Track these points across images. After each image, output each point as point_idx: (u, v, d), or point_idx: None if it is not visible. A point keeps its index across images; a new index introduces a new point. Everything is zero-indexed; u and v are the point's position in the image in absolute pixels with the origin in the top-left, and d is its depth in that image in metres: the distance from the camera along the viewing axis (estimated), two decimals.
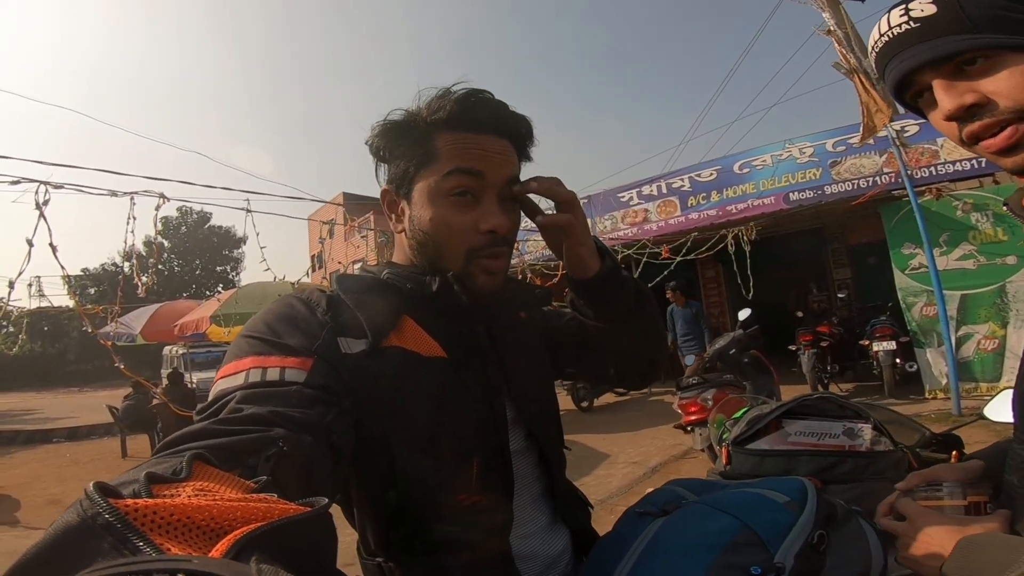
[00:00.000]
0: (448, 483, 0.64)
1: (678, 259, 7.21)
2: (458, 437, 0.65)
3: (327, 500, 0.35)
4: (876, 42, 0.61)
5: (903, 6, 0.57)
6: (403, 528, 0.66)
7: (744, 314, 4.97)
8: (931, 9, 0.55)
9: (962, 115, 0.55)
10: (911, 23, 0.56)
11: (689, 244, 7.21)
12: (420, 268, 0.73)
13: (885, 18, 0.59)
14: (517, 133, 0.74)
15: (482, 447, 0.68)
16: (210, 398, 0.55)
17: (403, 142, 0.72)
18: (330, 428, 0.53)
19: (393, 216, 0.76)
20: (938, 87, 0.56)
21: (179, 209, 30.75)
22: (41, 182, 2.90)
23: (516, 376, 0.75)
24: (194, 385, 9.32)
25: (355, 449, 0.59)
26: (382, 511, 0.66)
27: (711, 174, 8.25)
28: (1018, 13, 0.51)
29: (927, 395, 5.90)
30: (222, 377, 0.57)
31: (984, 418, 1.22)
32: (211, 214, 32.52)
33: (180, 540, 0.27)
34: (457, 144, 0.69)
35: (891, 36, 0.58)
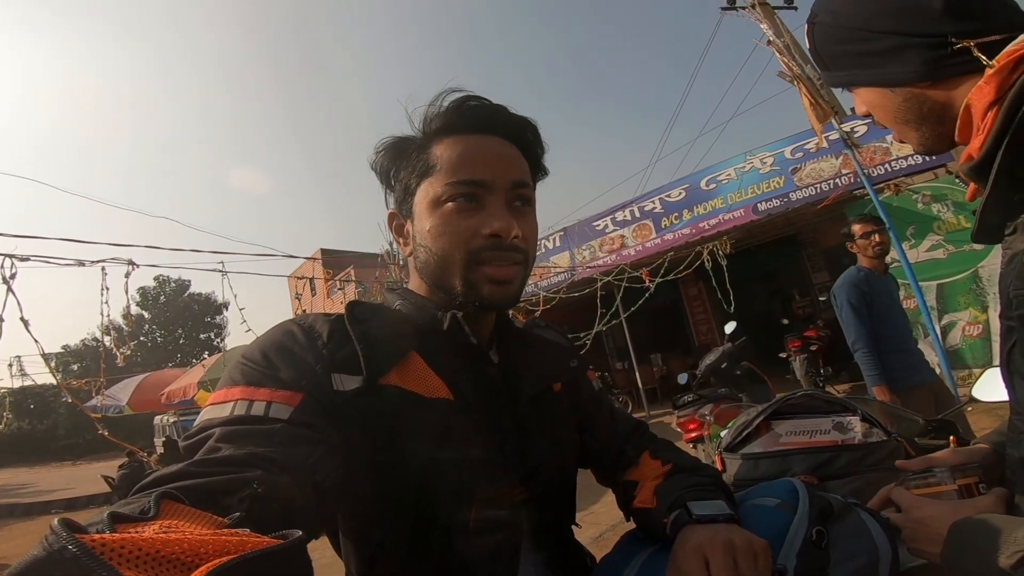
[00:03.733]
0: (440, 526, 0.61)
1: (658, 280, 7.29)
2: (455, 482, 0.62)
3: (300, 532, 0.34)
4: None
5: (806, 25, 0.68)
6: (387, 566, 0.62)
7: (730, 327, 5.00)
8: (807, 42, 0.68)
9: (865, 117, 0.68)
10: (809, 52, 0.69)
11: (667, 264, 7.31)
12: (434, 300, 0.70)
13: None
14: (521, 136, 0.71)
15: (485, 493, 0.64)
16: (195, 425, 0.54)
17: (403, 158, 0.70)
18: (313, 468, 0.51)
19: (400, 240, 0.73)
20: (853, 95, 0.69)
21: (156, 279, 30.58)
22: (6, 255, 2.85)
23: (534, 450, 0.70)
24: None
25: (343, 485, 0.57)
26: (367, 548, 0.63)
27: (680, 193, 8.47)
28: (844, 44, 0.62)
29: None
30: (211, 404, 0.55)
31: (975, 400, 1.21)
32: (189, 282, 32.32)
33: (149, 574, 0.27)
34: (456, 149, 0.67)
35: None
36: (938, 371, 5.74)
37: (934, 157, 5.98)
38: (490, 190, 0.67)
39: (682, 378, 5.34)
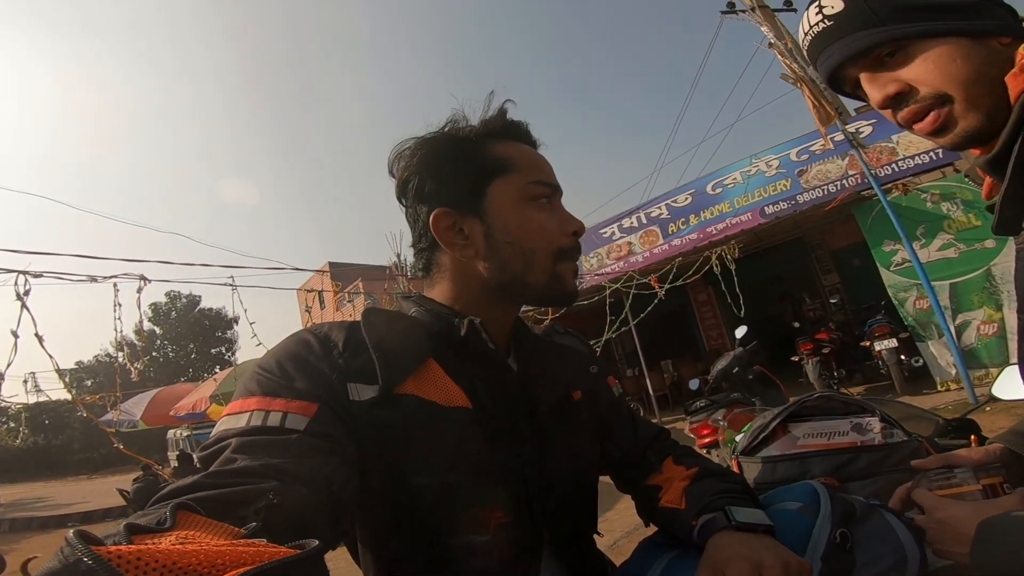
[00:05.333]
0: (458, 536, 0.61)
1: (666, 286, 7.25)
2: (474, 492, 0.61)
3: (318, 543, 0.34)
4: (802, 42, 0.65)
5: (817, 3, 0.60)
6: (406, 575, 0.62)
7: (741, 331, 4.94)
8: (840, 5, 0.58)
9: (890, 104, 0.58)
10: (825, 21, 0.60)
11: (675, 270, 7.27)
12: (453, 307, 0.70)
13: (805, 16, 0.63)
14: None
15: (504, 503, 0.63)
16: (212, 436, 0.54)
17: (459, 158, 0.69)
18: (329, 479, 0.51)
19: (457, 239, 0.69)
20: (864, 80, 0.60)
21: (167, 294, 30.92)
22: (20, 272, 2.89)
23: (554, 459, 0.69)
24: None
25: (360, 495, 0.57)
26: (384, 558, 0.63)
27: (686, 199, 8.45)
28: None
29: (939, 387, 5.85)
30: (228, 414, 0.56)
31: (994, 399, 1.19)
32: (200, 297, 32.65)
33: None
34: (524, 153, 0.72)
35: (812, 36, 0.62)
36: (953, 371, 5.67)
37: (941, 155, 5.96)
38: (557, 193, 0.72)
39: (693, 384, 5.29)
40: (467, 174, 0.68)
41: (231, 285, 3.91)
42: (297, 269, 4.94)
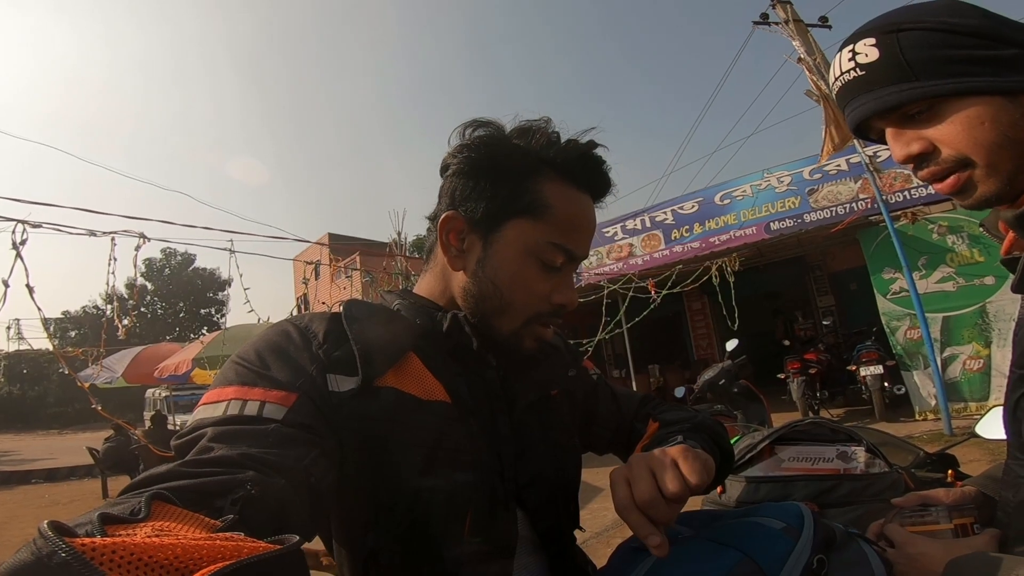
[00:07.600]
0: (434, 532, 0.61)
1: (664, 292, 7.27)
2: (452, 487, 0.61)
3: (298, 538, 0.33)
4: (833, 85, 0.64)
5: (851, 48, 0.59)
6: (381, 572, 0.62)
7: (731, 344, 4.98)
8: (875, 54, 0.57)
9: (912, 161, 0.58)
10: (857, 70, 0.59)
11: (674, 277, 7.28)
12: (438, 302, 0.70)
13: (837, 60, 0.62)
14: (600, 200, 0.74)
15: (481, 499, 0.63)
16: (188, 425, 0.53)
17: (501, 177, 0.66)
18: (308, 471, 0.50)
19: (454, 248, 0.68)
20: (888, 135, 0.60)
21: (163, 251, 30.79)
22: (19, 221, 2.87)
23: (532, 456, 0.70)
24: (177, 428, 9.20)
25: (338, 488, 0.57)
26: (359, 552, 0.63)
27: (693, 206, 8.44)
28: (955, 49, 0.54)
29: (917, 417, 5.93)
30: (204, 404, 0.55)
31: (976, 436, 1.22)
32: (195, 256, 32.56)
33: None
34: (570, 208, 0.67)
35: (843, 82, 0.61)
36: (933, 402, 5.74)
37: None
38: (572, 263, 0.69)
39: (679, 392, 5.33)
40: (497, 198, 0.66)
41: (230, 250, 3.89)
42: (298, 239, 4.93)
